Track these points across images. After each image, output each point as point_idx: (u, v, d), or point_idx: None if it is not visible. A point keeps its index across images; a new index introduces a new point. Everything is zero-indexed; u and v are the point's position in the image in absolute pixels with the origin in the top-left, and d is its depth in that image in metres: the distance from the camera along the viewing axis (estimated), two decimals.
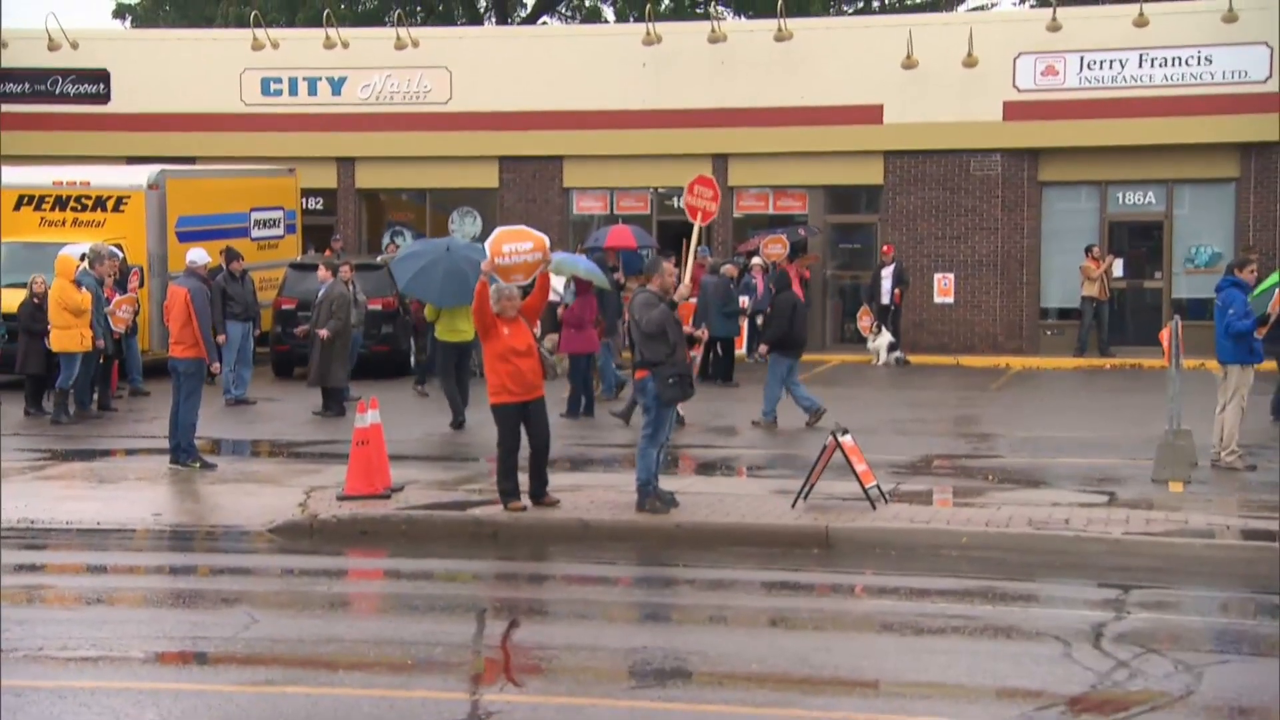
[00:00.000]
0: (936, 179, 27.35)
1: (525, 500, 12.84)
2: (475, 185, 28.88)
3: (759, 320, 20.12)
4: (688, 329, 14.94)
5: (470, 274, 17.72)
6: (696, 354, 18.41)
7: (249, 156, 27.61)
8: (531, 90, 28.04)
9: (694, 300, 21.26)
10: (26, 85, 29.35)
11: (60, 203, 23.56)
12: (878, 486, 12.91)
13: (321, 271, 19.94)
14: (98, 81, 29.37)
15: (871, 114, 27.27)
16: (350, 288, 20.19)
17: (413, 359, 22.57)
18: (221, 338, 19.55)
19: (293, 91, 28.88)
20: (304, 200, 28.07)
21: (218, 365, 16.69)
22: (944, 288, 27.27)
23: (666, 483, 13.23)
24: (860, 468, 12.76)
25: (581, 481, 14.46)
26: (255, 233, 25.55)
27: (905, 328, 26.73)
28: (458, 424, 18.07)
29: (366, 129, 28.62)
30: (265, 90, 28.91)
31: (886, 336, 26.01)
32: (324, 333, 18.82)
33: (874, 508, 12.67)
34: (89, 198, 23.53)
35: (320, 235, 28.06)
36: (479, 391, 19.08)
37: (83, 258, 19.14)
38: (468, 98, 28.32)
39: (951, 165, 27.27)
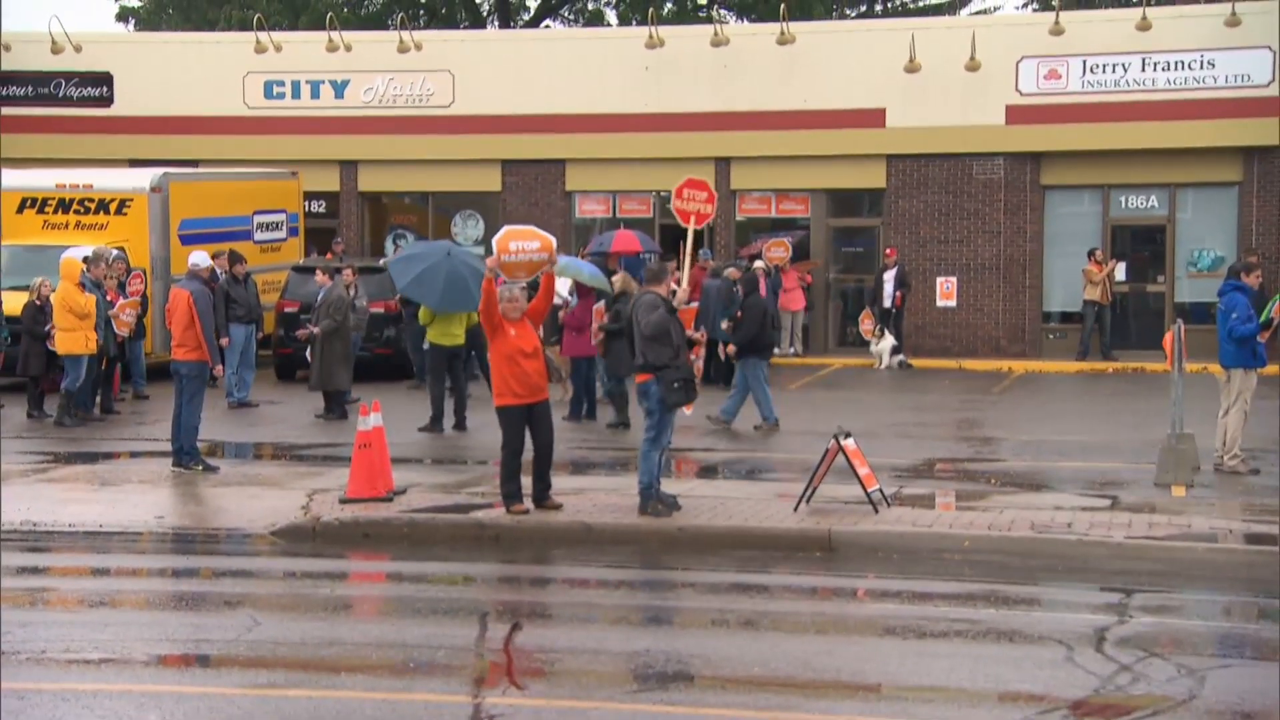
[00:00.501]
0: (939, 183, 27.36)
1: (528, 503, 12.84)
2: (478, 188, 28.90)
3: (723, 324, 20.00)
4: (688, 332, 14.93)
5: (470, 280, 17.73)
6: (697, 357, 18.39)
7: (252, 159, 27.64)
8: (534, 94, 28.07)
9: (695, 304, 21.26)
10: (30, 88, 29.39)
11: (63, 205, 23.59)
12: (880, 490, 12.91)
13: (319, 275, 19.96)
14: (101, 84, 29.40)
15: (874, 118, 27.28)
16: (351, 291, 20.19)
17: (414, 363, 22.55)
18: (224, 340, 19.56)
19: (295, 95, 28.91)
20: (306, 203, 28.10)
21: (220, 368, 16.69)
22: (946, 291, 27.27)
23: (668, 486, 13.24)
24: (863, 471, 12.76)
25: (584, 485, 14.46)
26: (258, 235, 25.57)
27: (907, 331, 26.74)
28: (433, 428, 18.01)
29: (369, 132, 28.65)
30: (268, 93, 28.94)
31: (889, 340, 26.02)
32: (315, 329, 18.84)
33: (876, 511, 12.67)
34: (92, 200, 23.55)
35: (323, 238, 28.09)
36: (480, 395, 19.17)
37: (85, 260, 19.15)
38: (470, 101, 28.35)
39: (954, 169, 27.28)
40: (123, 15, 43.70)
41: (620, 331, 17.89)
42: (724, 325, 18.84)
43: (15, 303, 19.83)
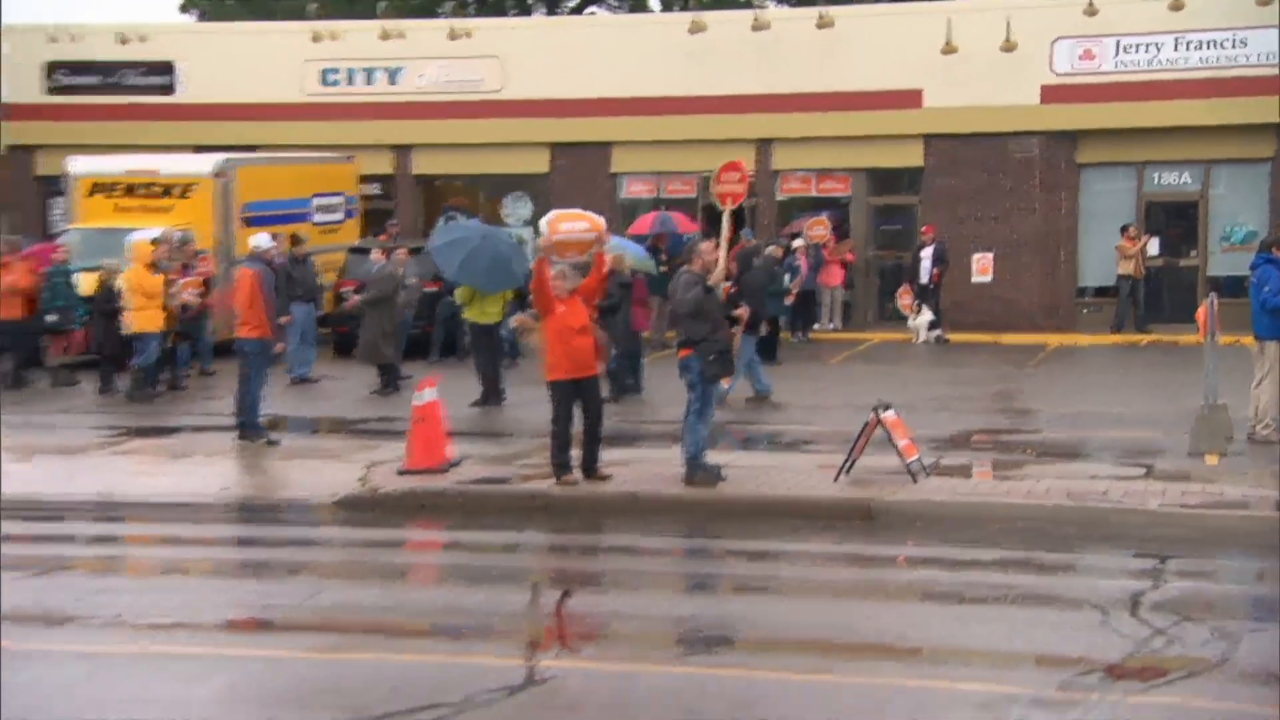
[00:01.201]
0: (976, 161, 27.16)
1: (577, 474, 12.88)
2: (527, 171, 28.93)
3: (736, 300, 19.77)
4: (738, 313, 14.94)
5: (511, 259, 17.81)
6: (739, 333, 18.35)
7: (310, 145, 27.77)
8: (580, 78, 28.05)
9: (733, 283, 21.24)
10: (98, 77, 29.65)
11: (131, 190, 23.82)
12: (919, 460, 12.87)
13: (375, 254, 20.07)
14: (165, 73, 29.61)
15: (911, 98, 27.11)
16: (403, 270, 20.28)
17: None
18: (286, 318, 19.68)
19: (351, 81, 29.03)
20: (363, 186, 28.22)
21: (282, 345, 16.80)
22: (983, 267, 27.10)
23: (713, 456, 13.24)
24: (902, 442, 12.72)
25: (631, 456, 14.46)
26: (317, 218, 25.70)
27: (945, 306, 26.58)
28: (484, 402, 18.09)
29: (422, 117, 28.72)
30: (325, 81, 29.06)
31: (927, 315, 25.89)
32: (355, 300, 19.00)
33: (915, 481, 12.64)
34: (158, 185, 23.77)
35: (379, 220, 28.20)
36: (520, 370, 19.25)
37: (153, 242, 19.35)
38: (519, 86, 28.36)
39: (991, 148, 27.07)
40: (186, 6, 43.92)
41: (613, 308, 17.90)
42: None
43: (90, 283, 20.09)
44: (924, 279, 26.24)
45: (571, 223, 13.04)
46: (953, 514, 11.98)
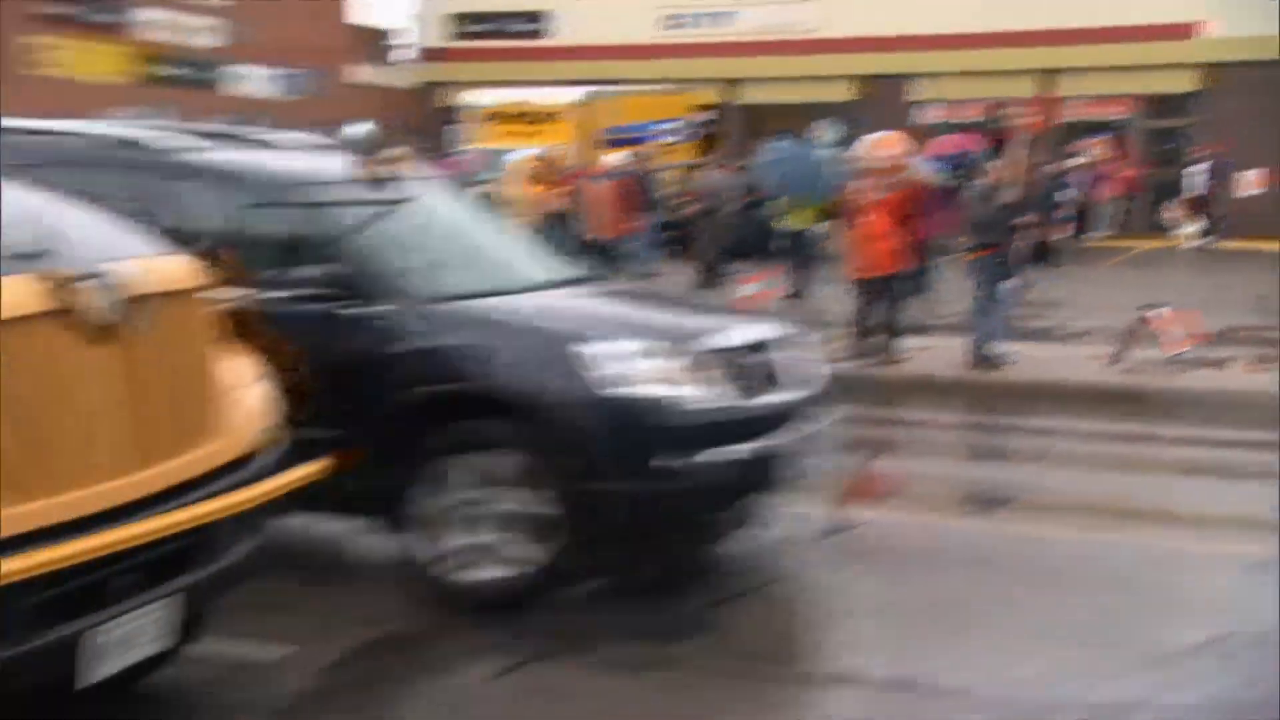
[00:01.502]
0: (1247, 86, 25.22)
1: (880, 357, 12.86)
2: (837, 99, 28.54)
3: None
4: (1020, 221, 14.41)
5: (821, 175, 17.78)
6: (1021, 240, 17.73)
7: (656, 78, 28.15)
8: (885, 18, 27.40)
9: (1013, 196, 20.50)
10: (487, 25, 30.78)
11: (518, 117, 24.87)
12: (1185, 352, 12.26)
13: (708, 171, 20.32)
14: (538, 21, 30.46)
15: (1186, 30, 25.36)
16: (731, 184, 20.47)
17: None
18: (636, 223, 20.17)
19: (691, 24, 29.22)
20: (699, 113, 28.44)
21: (633, 245, 17.24)
22: (1254, 181, 25.28)
23: (995, 347, 12.97)
24: (1169, 336, 12.15)
25: (925, 344, 14.26)
26: (661, 140, 26.10)
27: (1213, 218, 24.98)
28: (795, 295, 18.21)
29: (748, 54, 28.68)
30: (669, 24, 29.33)
31: (1194, 224, 24.40)
32: (691, 209, 19.33)
33: (1182, 371, 12.06)
34: (534, 113, 24.68)
35: (711, 142, 28.39)
36: (827, 269, 19.13)
37: (536, 159, 20.15)
38: (831, 25, 27.92)
39: (1262, 74, 25.07)
40: None
41: (908, 216, 17.50)
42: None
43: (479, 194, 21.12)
44: (1197, 192, 24.74)
45: (885, 150, 12.94)
46: (1214, 400, 11.41)
